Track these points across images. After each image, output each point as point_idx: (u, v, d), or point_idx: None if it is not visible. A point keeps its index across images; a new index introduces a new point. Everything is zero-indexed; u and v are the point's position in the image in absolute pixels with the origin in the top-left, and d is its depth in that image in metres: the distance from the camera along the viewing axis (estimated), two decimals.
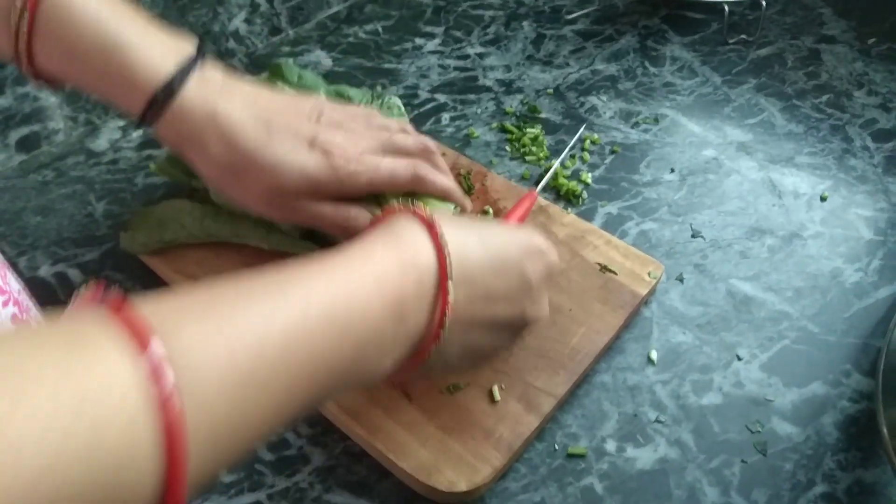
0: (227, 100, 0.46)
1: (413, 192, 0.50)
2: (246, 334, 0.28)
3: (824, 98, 0.73)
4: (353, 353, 0.33)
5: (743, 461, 0.47)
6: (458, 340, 0.39)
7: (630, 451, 0.48)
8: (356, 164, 0.48)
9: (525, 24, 0.83)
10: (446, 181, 0.51)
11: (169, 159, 0.58)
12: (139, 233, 0.56)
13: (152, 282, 0.56)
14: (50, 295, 0.56)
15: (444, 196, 0.51)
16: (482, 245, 0.40)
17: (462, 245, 0.38)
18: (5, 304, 0.41)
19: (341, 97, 0.60)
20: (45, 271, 0.58)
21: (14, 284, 0.44)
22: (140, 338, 0.25)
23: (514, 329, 0.43)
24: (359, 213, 0.50)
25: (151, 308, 0.27)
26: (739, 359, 0.53)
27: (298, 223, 0.51)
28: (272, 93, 0.50)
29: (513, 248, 0.41)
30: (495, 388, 0.48)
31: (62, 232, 0.61)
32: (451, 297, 0.37)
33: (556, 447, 0.48)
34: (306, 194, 0.48)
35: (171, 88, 0.45)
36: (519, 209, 0.57)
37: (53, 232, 0.61)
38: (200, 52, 0.47)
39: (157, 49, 0.45)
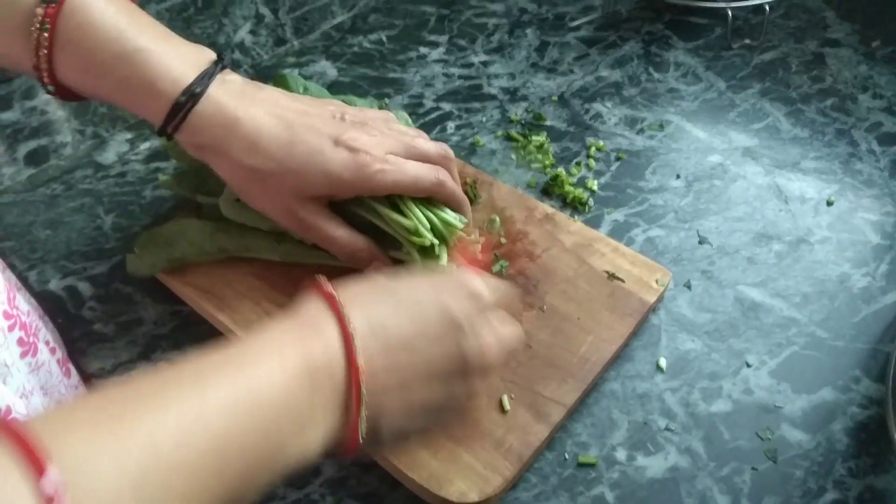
0: (249, 104, 0.46)
1: (429, 199, 0.51)
2: (136, 439, 0.28)
3: (829, 102, 0.73)
4: (265, 441, 0.32)
5: (753, 468, 0.47)
6: (398, 404, 0.37)
7: (640, 460, 0.48)
8: (382, 163, 0.47)
9: (529, 31, 0.83)
10: (461, 193, 0.52)
11: (176, 175, 0.58)
12: (146, 253, 0.55)
13: (162, 295, 0.56)
14: (60, 308, 0.57)
15: (457, 205, 0.52)
16: (392, 297, 0.39)
17: (367, 306, 0.38)
18: (11, 328, 0.41)
19: None
20: (54, 285, 0.59)
21: (23, 306, 0.44)
22: (36, 463, 0.25)
23: (460, 372, 0.39)
24: (367, 246, 0.50)
25: (43, 426, 0.27)
26: (748, 365, 0.53)
27: (310, 241, 0.51)
28: (293, 96, 0.50)
29: (425, 290, 0.40)
30: (505, 398, 0.48)
31: (71, 245, 0.61)
32: (360, 361, 0.35)
33: (567, 456, 0.48)
34: (329, 195, 0.48)
35: (192, 95, 0.45)
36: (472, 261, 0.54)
37: (63, 245, 0.61)
38: (220, 60, 0.47)
39: (178, 57, 0.45)
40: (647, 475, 0.47)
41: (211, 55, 0.47)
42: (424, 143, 0.51)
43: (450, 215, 0.51)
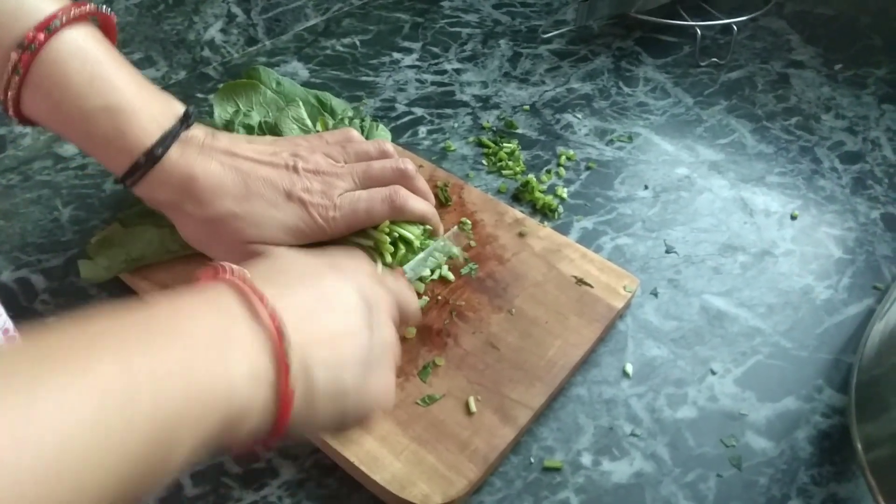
0: (206, 160, 0.47)
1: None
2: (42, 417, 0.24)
3: (793, 120, 0.75)
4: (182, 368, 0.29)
5: (718, 475, 0.47)
6: (326, 352, 0.35)
7: (606, 465, 0.47)
8: (334, 210, 0.49)
9: (502, 42, 0.84)
10: (422, 206, 0.52)
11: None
12: (101, 258, 0.53)
13: (118, 290, 0.55)
14: (11, 301, 0.54)
15: (420, 221, 0.52)
16: (296, 259, 0.38)
17: (274, 276, 0.36)
18: None
19: (323, 105, 0.60)
20: (6, 276, 0.56)
21: None
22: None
23: (375, 313, 0.38)
24: None
25: None
26: (713, 373, 0.53)
27: None
28: (250, 145, 0.50)
29: (322, 253, 0.40)
30: (471, 400, 0.48)
31: (26, 237, 0.59)
32: (273, 303, 0.33)
33: (532, 460, 0.48)
34: (287, 244, 0.49)
35: (153, 156, 0.46)
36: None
37: (17, 237, 0.59)
38: (186, 116, 0.48)
39: (145, 116, 0.46)
40: (613, 480, 0.47)
41: (178, 110, 0.48)
42: (380, 166, 0.52)
43: (410, 230, 0.51)
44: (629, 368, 0.53)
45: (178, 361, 0.28)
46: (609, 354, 0.54)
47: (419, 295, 0.53)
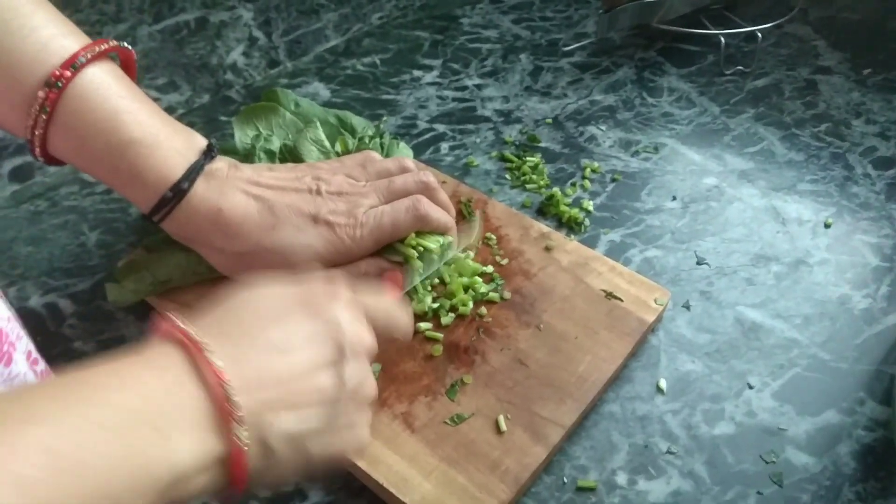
0: (231, 193, 0.47)
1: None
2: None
3: (823, 127, 0.73)
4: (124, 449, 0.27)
5: (759, 493, 0.46)
6: (281, 406, 0.32)
7: (642, 484, 0.46)
8: (360, 229, 0.49)
9: (522, 56, 0.83)
10: (444, 216, 0.52)
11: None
12: (128, 282, 0.53)
13: (144, 313, 0.55)
14: (40, 326, 0.55)
15: (443, 232, 0.52)
16: (249, 306, 0.35)
17: (224, 326, 0.34)
18: None
19: (343, 124, 0.60)
20: (35, 302, 0.57)
21: (3, 311, 0.42)
22: None
23: (337, 357, 0.35)
24: (369, 266, 0.51)
25: None
26: (751, 387, 0.51)
27: None
28: (272, 173, 0.50)
29: (282, 290, 0.36)
30: (501, 418, 0.47)
31: (54, 262, 0.60)
32: (218, 363, 0.31)
33: (565, 480, 0.46)
34: (320, 267, 0.49)
35: (179, 191, 0.46)
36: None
37: (45, 262, 0.60)
38: (210, 150, 0.48)
39: (170, 151, 0.46)
40: (649, 500, 0.45)
41: (201, 143, 0.48)
42: (402, 180, 0.51)
43: (432, 241, 0.51)
44: (663, 384, 0.51)
45: (111, 435, 0.27)
46: (641, 370, 0.52)
47: (445, 312, 0.53)
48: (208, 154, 0.47)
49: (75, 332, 0.55)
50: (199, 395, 0.30)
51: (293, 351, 0.34)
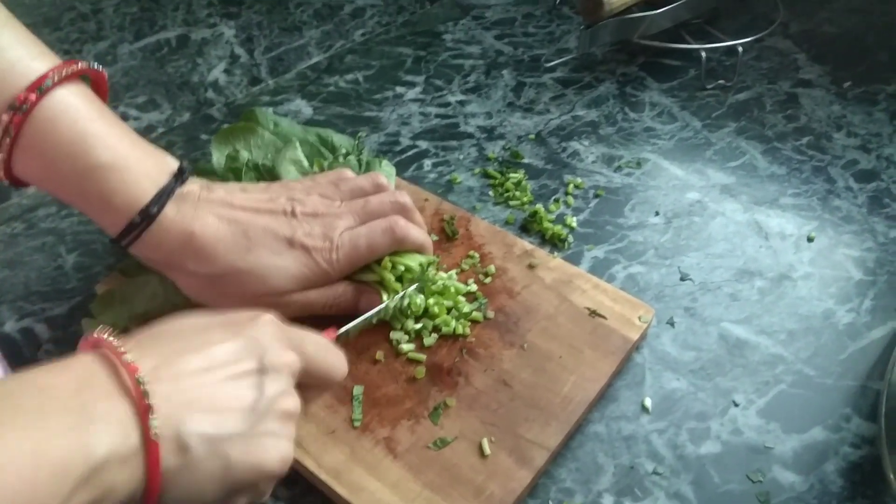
0: (203, 216, 0.46)
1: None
2: None
3: (804, 140, 0.73)
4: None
5: None
6: (200, 406, 0.33)
7: None
8: (335, 252, 0.48)
9: (505, 72, 0.83)
10: (422, 235, 0.52)
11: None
12: (105, 316, 0.52)
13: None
14: (15, 352, 0.54)
15: (419, 250, 0.52)
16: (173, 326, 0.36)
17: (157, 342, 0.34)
18: None
19: (325, 142, 0.59)
20: (10, 327, 0.56)
21: None
22: None
23: (259, 368, 0.35)
24: (346, 290, 0.51)
25: None
26: (736, 405, 0.51)
27: (290, 316, 0.49)
28: (245, 194, 0.49)
29: (209, 315, 0.37)
30: (485, 442, 0.46)
31: (30, 286, 0.59)
32: (128, 358, 0.32)
33: (551, 503, 0.46)
34: (294, 290, 0.48)
35: (148, 215, 0.45)
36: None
37: (21, 286, 0.59)
38: (181, 172, 0.47)
39: (138, 174, 0.45)
40: None
41: (172, 166, 0.47)
42: (378, 201, 0.51)
43: (412, 260, 0.51)
44: (648, 403, 0.51)
45: (27, 441, 0.27)
46: (626, 388, 0.52)
47: (428, 332, 0.52)
48: (179, 177, 0.46)
49: (51, 358, 0.53)
50: (113, 389, 0.31)
51: (212, 358, 0.34)
